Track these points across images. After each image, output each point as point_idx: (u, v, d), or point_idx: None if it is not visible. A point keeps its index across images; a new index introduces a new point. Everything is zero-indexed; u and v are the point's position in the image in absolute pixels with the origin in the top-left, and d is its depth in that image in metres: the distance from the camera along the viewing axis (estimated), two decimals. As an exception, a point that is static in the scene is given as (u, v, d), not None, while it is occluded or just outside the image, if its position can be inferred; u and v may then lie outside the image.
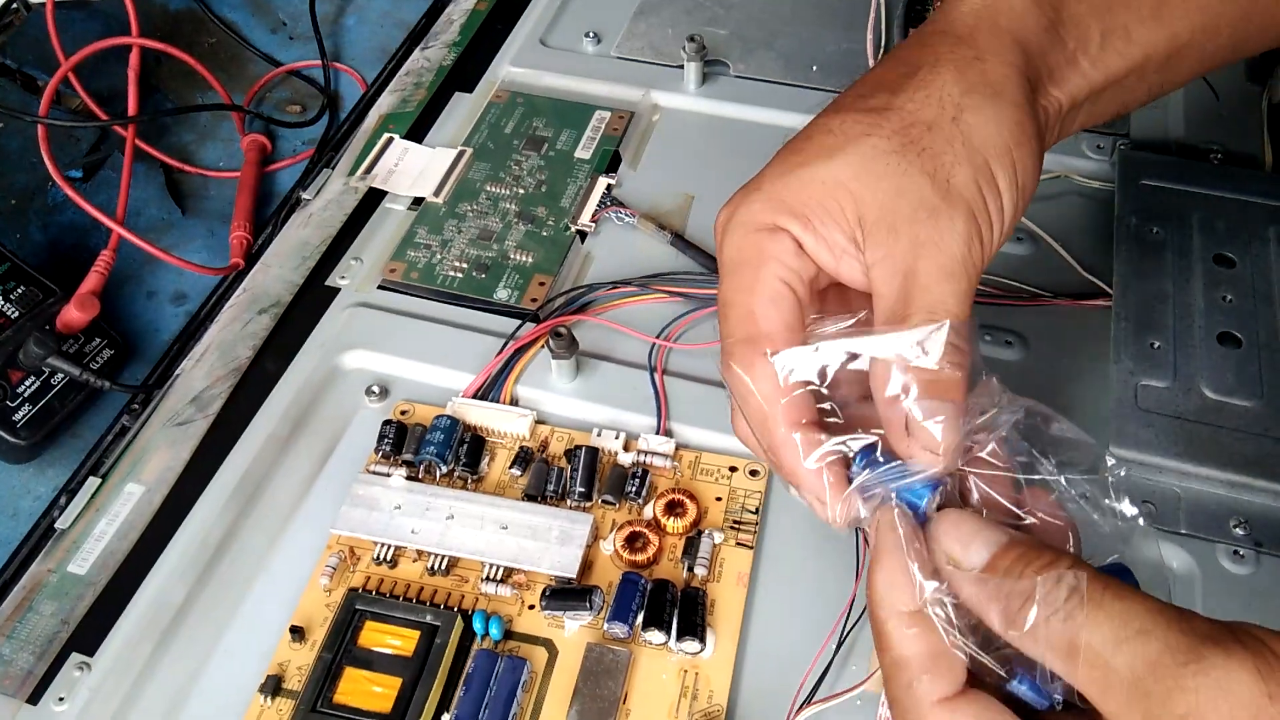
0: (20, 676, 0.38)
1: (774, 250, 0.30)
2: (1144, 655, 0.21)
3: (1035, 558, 0.23)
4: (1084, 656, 0.21)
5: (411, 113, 0.60)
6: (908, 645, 0.24)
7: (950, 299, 0.28)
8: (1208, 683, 0.20)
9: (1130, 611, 0.21)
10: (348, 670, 0.36)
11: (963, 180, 0.29)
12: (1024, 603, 0.22)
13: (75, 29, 0.67)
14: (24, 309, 0.52)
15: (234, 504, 0.42)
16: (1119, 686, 0.21)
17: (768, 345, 0.29)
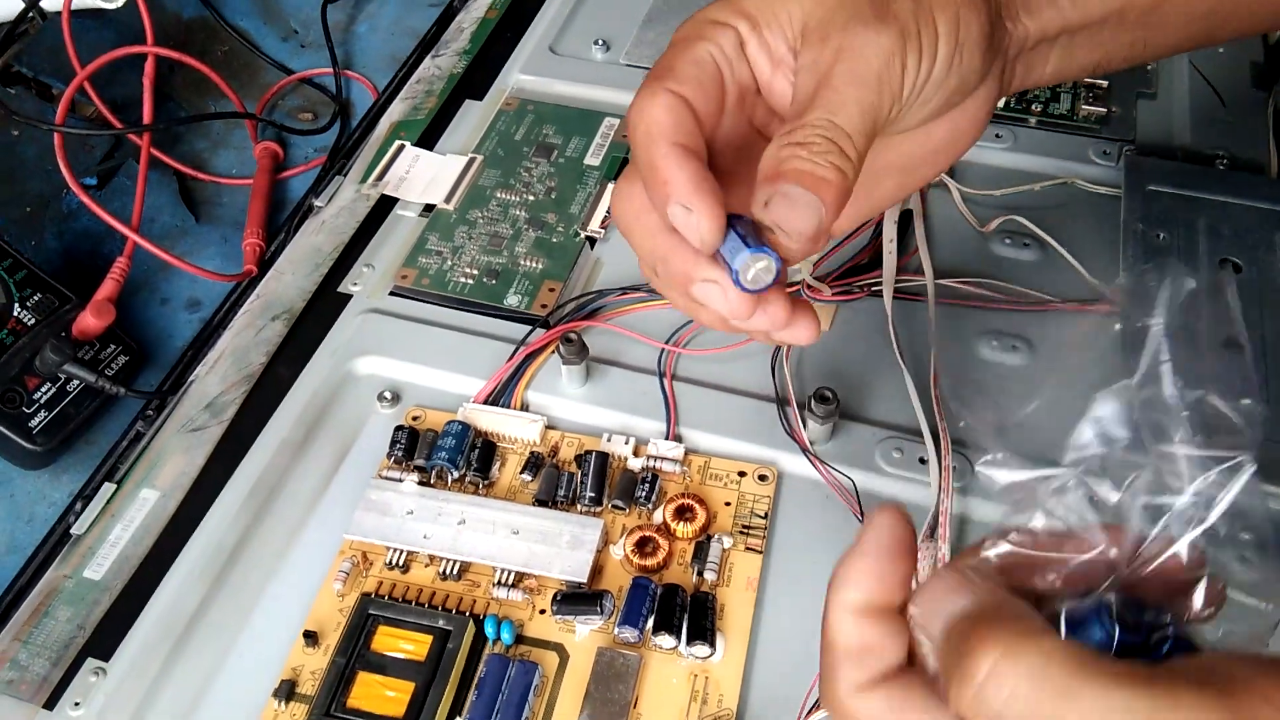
0: (36, 682, 0.39)
1: (715, 35, 0.31)
2: None
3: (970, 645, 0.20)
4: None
5: (423, 120, 0.60)
6: (843, 634, 0.24)
7: (852, 103, 0.28)
8: None
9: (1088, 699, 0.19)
10: (361, 675, 0.37)
11: (901, 7, 0.29)
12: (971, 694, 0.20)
13: (90, 37, 0.68)
14: (40, 316, 0.52)
15: (248, 509, 0.43)
16: None
17: (674, 84, 0.30)
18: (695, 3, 0.67)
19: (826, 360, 0.47)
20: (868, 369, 0.46)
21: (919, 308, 0.48)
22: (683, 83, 0.30)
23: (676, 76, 0.30)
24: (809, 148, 0.28)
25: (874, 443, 0.43)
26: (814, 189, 0.28)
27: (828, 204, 0.28)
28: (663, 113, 0.29)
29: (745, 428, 0.44)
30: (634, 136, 0.30)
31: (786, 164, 0.28)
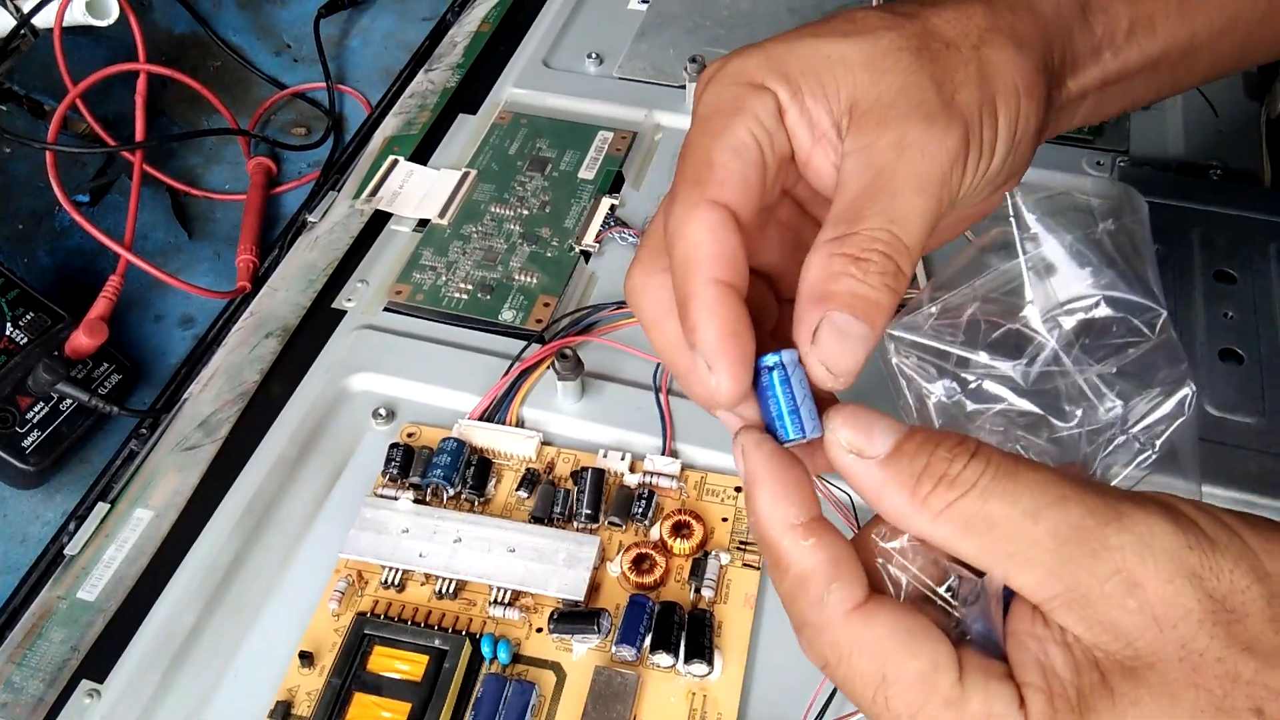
0: (31, 704, 0.38)
1: (754, 105, 0.27)
2: (1066, 519, 0.20)
3: (941, 439, 0.22)
4: (1003, 530, 0.21)
5: (416, 135, 0.60)
6: (808, 557, 0.23)
7: (914, 214, 0.26)
8: (1131, 538, 0.20)
9: (1046, 480, 0.21)
10: (357, 695, 0.36)
11: (967, 99, 0.27)
12: (935, 484, 0.21)
13: (82, 54, 0.68)
14: (33, 335, 0.52)
15: (242, 528, 0.42)
16: (1042, 557, 0.21)
17: (716, 192, 0.26)
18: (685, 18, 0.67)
19: (822, 374, 0.47)
20: (864, 382, 0.46)
21: (914, 320, 0.47)
22: (725, 186, 0.26)
23: (719, 179, 0.26)
24: (864, 265, 0.25)
25: (871, 457, 0.43)
26: (867, 316, 0.25)
27: (877, 331, 0.25)
28: (705, 234, 0.26)
29: (742, 442, 0.44)
30: (672, 254, 0.26)
31: (838, 284, 0.25)
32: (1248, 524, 0.21)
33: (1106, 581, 0.20)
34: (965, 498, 0.21)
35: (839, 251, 0.25)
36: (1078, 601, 0.20)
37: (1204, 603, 0.20)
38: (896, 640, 0.22)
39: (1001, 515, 0.21)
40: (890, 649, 0.22)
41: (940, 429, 0.23)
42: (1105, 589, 0.20)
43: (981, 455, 0.22)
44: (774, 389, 0.25)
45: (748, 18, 0.65)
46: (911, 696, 0.21)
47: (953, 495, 0.21)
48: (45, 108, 0.68)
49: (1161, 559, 0.20)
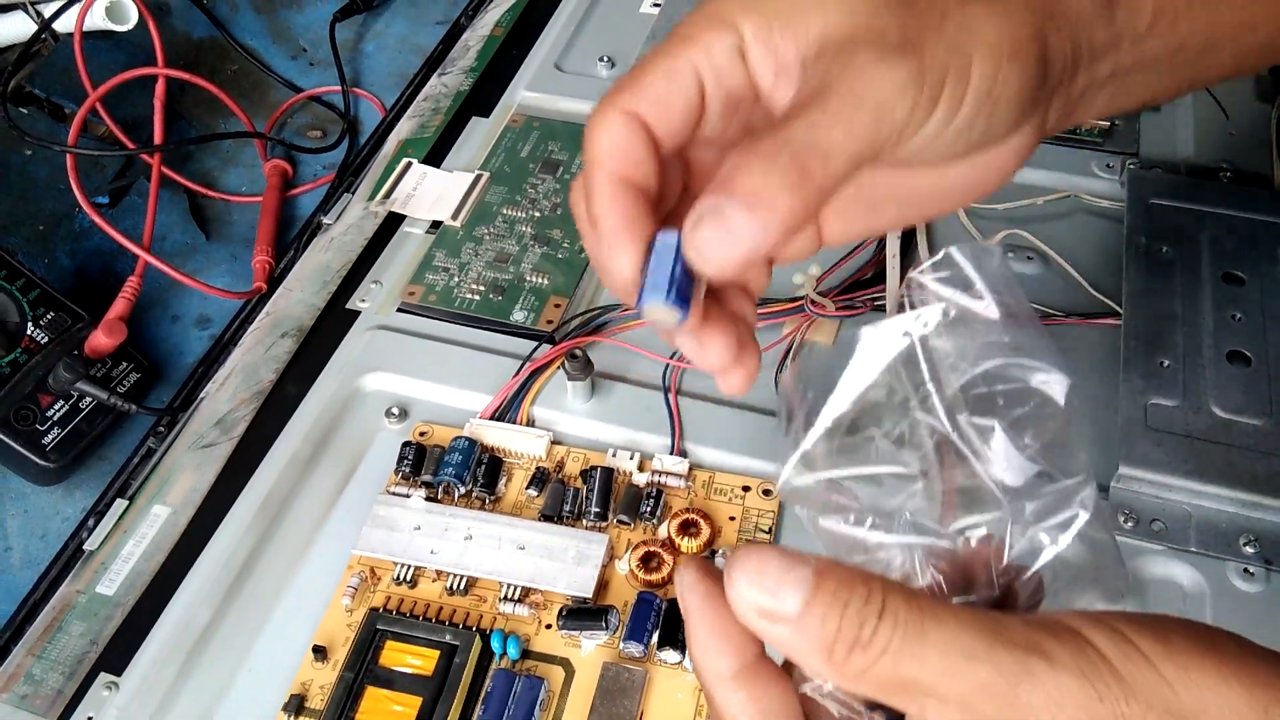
0: (50, 696, 0.39)
1: (708, 38, 0.27)
2: (975, 681, 0.21)
3: (849, 595, 0.21)
4: (918, 687, 0.21)
5: (429, 138, 0.61)
6: (736, 707, 0.23)
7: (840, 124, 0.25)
8: (1041, 697, 0.20)
9: (951, 638, 0.21)
10: (369, 689, 0.37)
11: (933, 44, 0.26)
12: (848, 651, 0.21)
13: (101, 59, 0.69)
14: (53, 334, 0.53)
15: (258, 525, 0.43)
16: (957, 711, 0.21)
17: (630, 103, 0.27)
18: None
19: (831, 375, 0.47)
20: (871, 383, 0.46)
21: (922, 322, 0.48)
22: (642, 100, 0.27)
23: (638, 91, 0.27)
24: (771, 160, 0.24)
25: (878, 457, 0.43)
26: (754, 211, 0.24)
27: (769, 228, 0.24)
28: (607, 139, 0.27)
29: (749, 442, 0.44)
30: (584, 152, 0.28)
31: (738, 174, 0.24)
32: (1167, 651, 0.21)
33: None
34: (878, 664, 0.21)
35: (750, 147, 0.24)
36: None
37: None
38: None
39: (913, 675, 0.21)
40: None
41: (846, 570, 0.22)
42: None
43: (888, 615, 0.21)
44: (653, 259, 0.26)
45: (759, 21, 0.65)
46: None
47: (866, 661, 0.21)
48: (65, 111, 0.69)
49: (1070, 713, 0.20)
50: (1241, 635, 0.22)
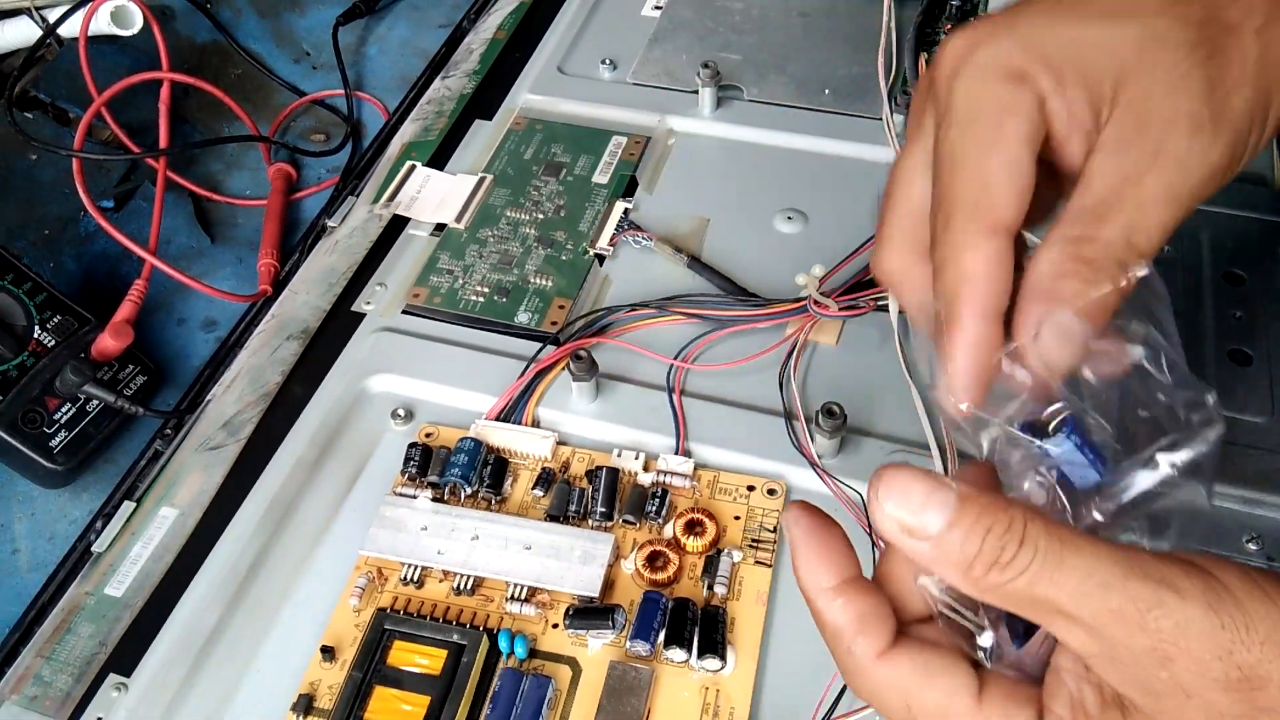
0: (60, 698, 0.39)
1: (1021, 106, 0.26)
2: (1107, 606, 0.22)
3: (991, 521, 0.23)
4: (1049, 606, 0.22)
5: (433, 140, 0.61)
6: (838, 615, 0.25)
7: (1157, 227, 0.25)
8: (1170, 624, 0.22)
9: (1089, 567, 0.22)
10: (377, 689, 0.37)
11: (1240, 104, 0.25)
12: (986, 569, 0.23)
13: (106, 63, 0.69)
14: (60, 338, 0.53)
15: (265, 526, 0.43)
16: (1087, 634, 0.22)
17: (995, 218, 0.26)
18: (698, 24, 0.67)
19: (834, 374, 0.47)
20: (875, 383, 0.46)
21: (925, 322, 0.48)
22: (1005, 210, 0.26)
23: (997, 202, 0.26)
24: (1096, 271, 0.25)
25: (882, 456, 0.43)
26: (1091, 318, 0.25)
27: (1100, 322, 0.25)
28: (983, 268, 0.26)
29: (754, 442, 0.44)
30: (943, 275, 0.27)
31: (1067, 284, 0.25)
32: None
33: (1142, 655, 0.22)
34: (1014, 583, 0.22)
35: (1075, 253, 0.25)
36: (1114, 663, 0.22)
37: (1230, 672, 0.22)
38: (916, 677, 0.24)
39: (1048, 596, 0.22)
40: (911, 685, 0.24)
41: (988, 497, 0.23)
42: (1141, 660, 0.22)
43: (1029, 542, 0.22)
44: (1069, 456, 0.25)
45: (760, 23, 0.65)
46: (931, 718, 0.24)
47: (1003, 579, 0.23)
48: (70, 115, 0.70)
49: (1194, 640, 0.22)
50: None
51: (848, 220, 0.53)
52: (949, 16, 0.64)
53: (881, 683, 0.25)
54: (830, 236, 0.53)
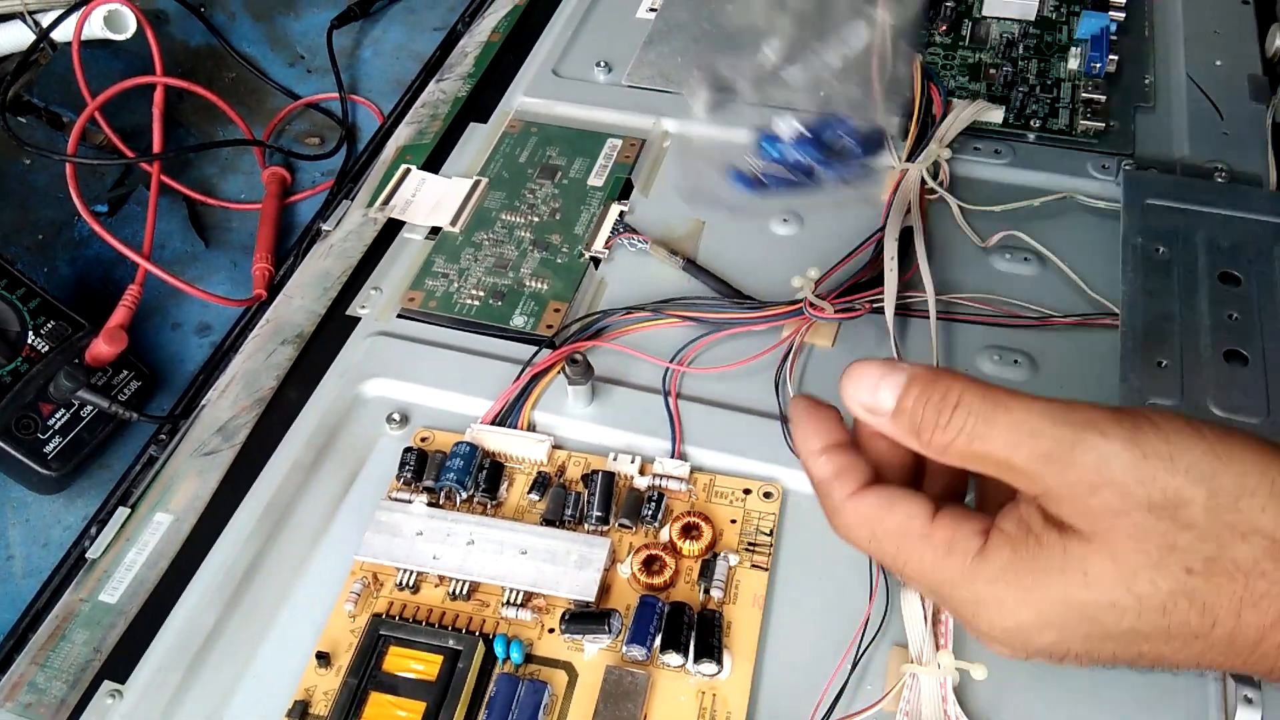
0: (54, 705, 0.39)
1: None
2: (1037, 451, 0.26)
3: (931, 390, 0.28)
4: (991, 459, 0.27)
5: (428, 144, 0.61)
6: (821, 468, 0.30)
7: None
8: (1092, 458, 0.25)
9: (1019, 420, 0.26)
10: (373, 695, 0.37)
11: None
12: (932, 431, 0.27)
13: (99, 67, 0.69)
14: (54, 343, 0.53)
15: (260, 532, 0.43)
16: (1023, 474, 0.26)
17: None
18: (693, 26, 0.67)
19: (830, 377, 0.47)
20: (871, 385, 0.46)
21: (921, 324, 0.48)
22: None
23: None
24: None
25: (878, 459, 0.43)
26: None
27: None
28: None
29: (750, 445, 0.44)
30: None
31: None
32: (1221, 437, 0.26)
33: (1074, 486, 0.26)
34: (956, 441, 0.27)
35: None
36: (1052, 497, 0.26)
37: (1153, 495, 0.25)
38: (879, 508, 0.29)
39: (985, 450, 0.27)
40: (875, 514, 0.29)
41: (932, 373, 0.28)
42: (1074, 490, 0.26)
43: (963, 406, 0.27)
44: None
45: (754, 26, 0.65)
46: (892, 538, 0.29)
47: (946, 439, 0.27)
48: (64, 120, 0.70)
49: (1117, 470, 0.25)
50: None
51: (843, 223, 0.53)
52: (944, 18, 0.64)
53: (852, 516, 0.29)
54: (826, 239, 0.53)
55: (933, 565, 0.28)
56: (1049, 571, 0.26)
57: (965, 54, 0.62)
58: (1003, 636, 0.28)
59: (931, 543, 0.28)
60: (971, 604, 0.28)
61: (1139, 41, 0.63)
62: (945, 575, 0.28)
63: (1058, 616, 0.27)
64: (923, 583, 0.29)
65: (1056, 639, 0.27)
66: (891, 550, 0.29)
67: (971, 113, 0.57)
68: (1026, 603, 0.27)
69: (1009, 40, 0.63)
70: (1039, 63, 0.61)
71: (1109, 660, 0.27)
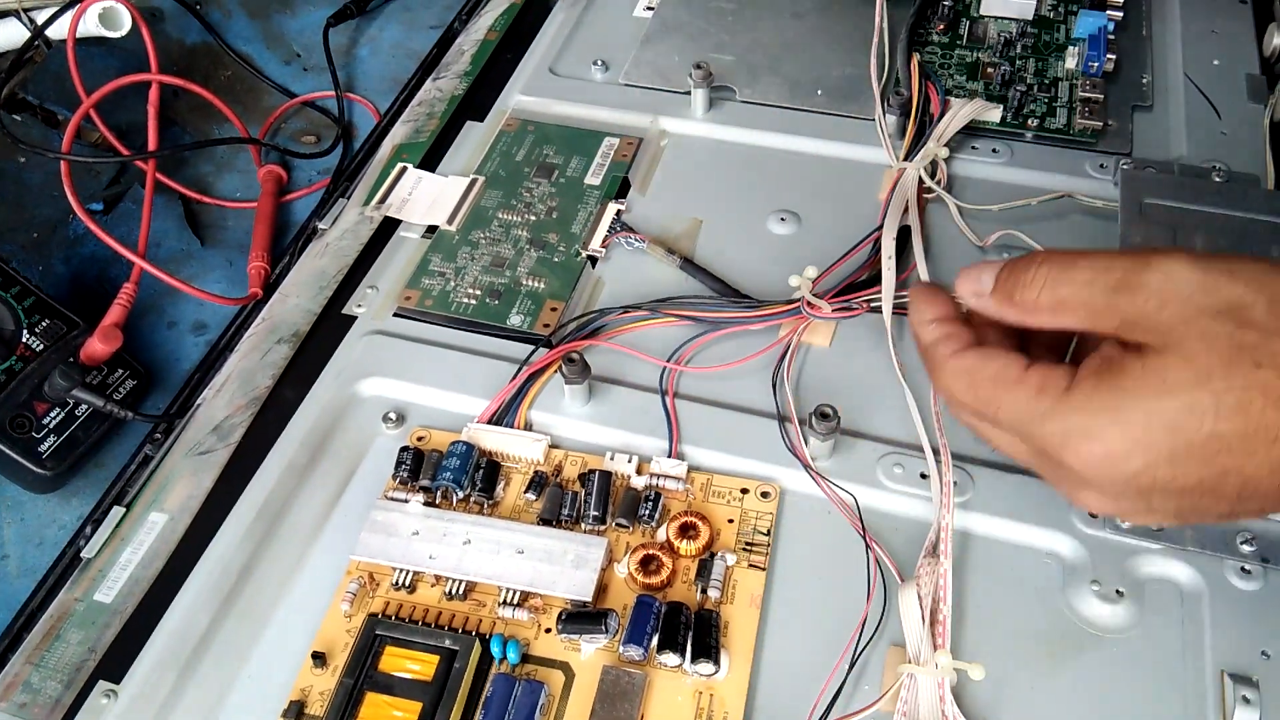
0: (49, 705, 0.39)
1: None
2: (1110, 282, 0.29)
3: (1019, 261, 0.32)
4: (1070, 305, 0.30)
5: (424, 142, 0.61)
6: (930, 333, 0.34)
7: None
8: (1156, 278, 0.29)
9: (1090, 262, 0.30)
10: (369, 695, 0.37)
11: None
12: (1020, 289, 0.31)
13: (95, 65, 0.69)
14: (48, 342, 0.53)
15: (255, 531, 0.43)
16: (1101, 311, 0.30)
17: None
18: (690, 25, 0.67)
19: (827, 376, 0.47)
20: (868, 385, 0.46)
21: (918, 323, 0.48)
22: None
23: None
24: None
25: (875, 458, 0.43)
26: None
27: None
28: None
29: (747, 445, 0.44)
30: None
31: None
32: (1274, 261, 0.29)
33: (1142, 306, 0.29)
34: (1041, 296, 0.31)
35: None
36: (1127, 324, 0.29)
37: (1217, 304, 0.28)
38: (979, 359, 0.33)
39: (1065, 294, 0.30)
40: (974, 366, 0.33)
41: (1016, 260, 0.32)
42: (1143, 311, 0.29)
43: (1044, 263, 0.31)
44: None
45: (751, 24, 0.65)
46: (988, 385, 0.32)
47: (1032, 294, 0.31)
48: (59, 118, 0.69)
49: (1180, 285, 0.28)
50: None
51: (841, 222, 0.53)
52: (941, 17, 0.64)
53: (953, 369, 0.33)
54: (823, 238, 0.53)
55: (1025, 404, 0.31)
56: (1130, 388, 0.29)
57: (963, 53, 0.62)
58: (1094, 469, 0.30)
59: (1024, 384, 0.31)
60: (1061, 437, 0.30)
61: (1137, 41, 0.62)
62: (1036, 411, 0.31)
63: (1142, 432, 0.28)
64: (1015, 423, 0.31)
65: (1144, 463, 0.29)
66: (986, 396, 0.32)
67: (969, 112, 0.56)
68: (1114, 422, 0.29)
69: (1007, 39, 0.63)
70: (1037, 62, 0.61)
71: (1195, 491, 0.29)
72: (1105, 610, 0.39)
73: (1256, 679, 0.37)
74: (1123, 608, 0.39)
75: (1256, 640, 0.38)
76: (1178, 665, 0.38)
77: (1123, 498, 0.30)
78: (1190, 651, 0.38)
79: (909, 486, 0.42)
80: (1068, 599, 0.39)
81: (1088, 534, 0.41)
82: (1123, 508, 0.31)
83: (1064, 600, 0.39)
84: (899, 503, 0.42)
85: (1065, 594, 0.40)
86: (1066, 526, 0.41)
